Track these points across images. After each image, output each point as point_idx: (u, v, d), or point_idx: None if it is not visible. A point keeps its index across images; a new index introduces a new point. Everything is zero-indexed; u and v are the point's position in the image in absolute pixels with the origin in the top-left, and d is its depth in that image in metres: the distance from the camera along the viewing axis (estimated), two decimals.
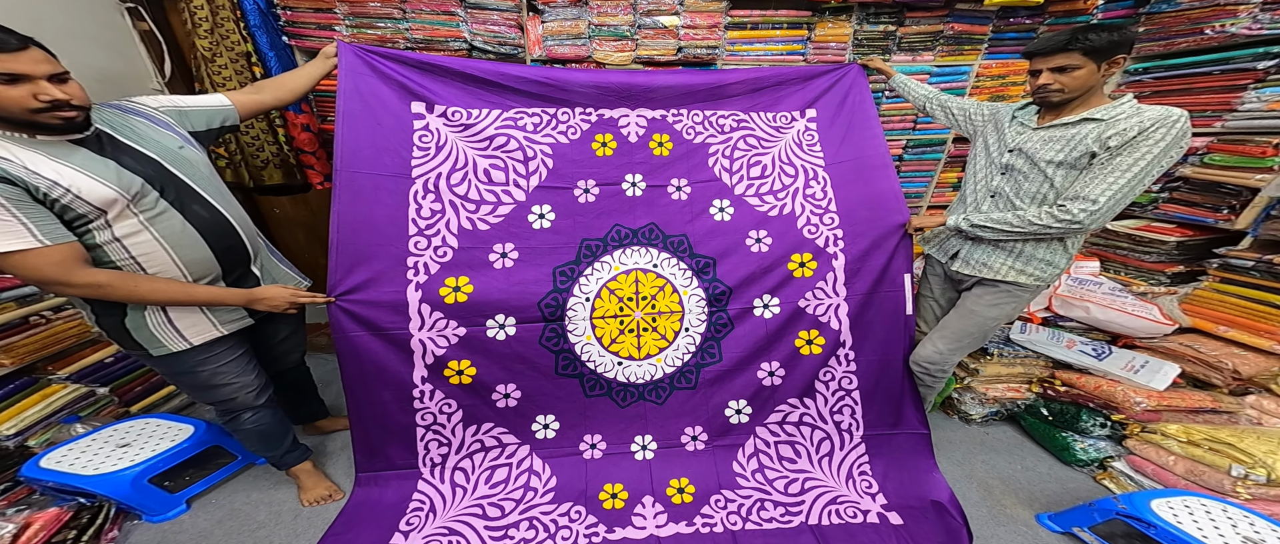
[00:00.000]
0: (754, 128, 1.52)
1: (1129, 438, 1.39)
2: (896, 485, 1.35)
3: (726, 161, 1.48)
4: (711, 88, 1.51)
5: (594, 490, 1.33)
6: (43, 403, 1.28)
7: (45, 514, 1.09)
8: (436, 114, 1.33)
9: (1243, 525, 1.04)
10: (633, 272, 1.40)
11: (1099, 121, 1.01)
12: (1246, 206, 1.46)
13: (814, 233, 1.42)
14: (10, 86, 0.70)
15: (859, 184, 1.45)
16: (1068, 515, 1.25)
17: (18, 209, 0.73)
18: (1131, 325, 1.58)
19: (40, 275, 0.78)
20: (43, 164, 0.76)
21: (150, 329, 0.94)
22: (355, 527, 1.22)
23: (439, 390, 1.30)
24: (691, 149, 1.48)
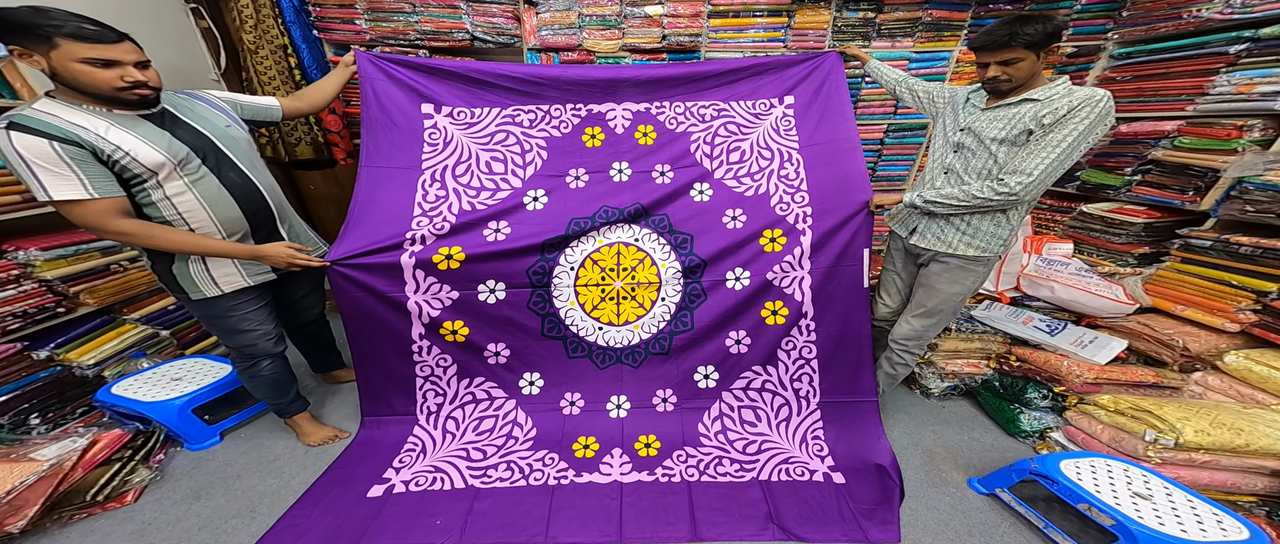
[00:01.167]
0: (734, 115, 1.60)
1: (1068, 409, 1.46)
2: (845, 449, 1.44)
3: (707, 147, 1.57)
4: (692, 77, 1.60)
5: (569, 441, 1.46)
6: (117, 339, 1.56)
7: (109, 434, 1.32)
8: (443, 114, 1.51)
9: (1137, 483, 1.12)
10: (615, 244, 1.50)
11: (1036, 102, 1.09)
12: (1211, 188, 1.48)
13: (785, 210, 1.49)
14: (105, 69, 0.90)
15: (830, 165, 1.50)
16: (992, 478, 1.34)
17: (79, 167, 0.90)
18: (1094, 305, 1.63)
19: (84, 221, 0.94)
20: (112, 132, 0.93)
21: (191, 276, 1.12)
22: (355, 463, 1.39)
23: (436, 346, 1.44)
24: (674, 138, 1.58)
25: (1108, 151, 1.77)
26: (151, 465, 1.36)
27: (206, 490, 1.32)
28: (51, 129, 0.87)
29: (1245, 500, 1.22)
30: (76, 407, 1.46)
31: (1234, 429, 1.17)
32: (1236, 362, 1.37)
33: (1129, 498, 1.09)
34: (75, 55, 0.86)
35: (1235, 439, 1.16)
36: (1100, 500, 1.08)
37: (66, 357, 1.44)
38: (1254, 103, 1.40)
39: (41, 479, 1.13)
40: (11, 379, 1.33)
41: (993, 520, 1.26)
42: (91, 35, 0.87)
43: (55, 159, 0.87)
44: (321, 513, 1.22)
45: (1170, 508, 1.06)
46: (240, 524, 1.21)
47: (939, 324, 1.41)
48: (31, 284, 1.36)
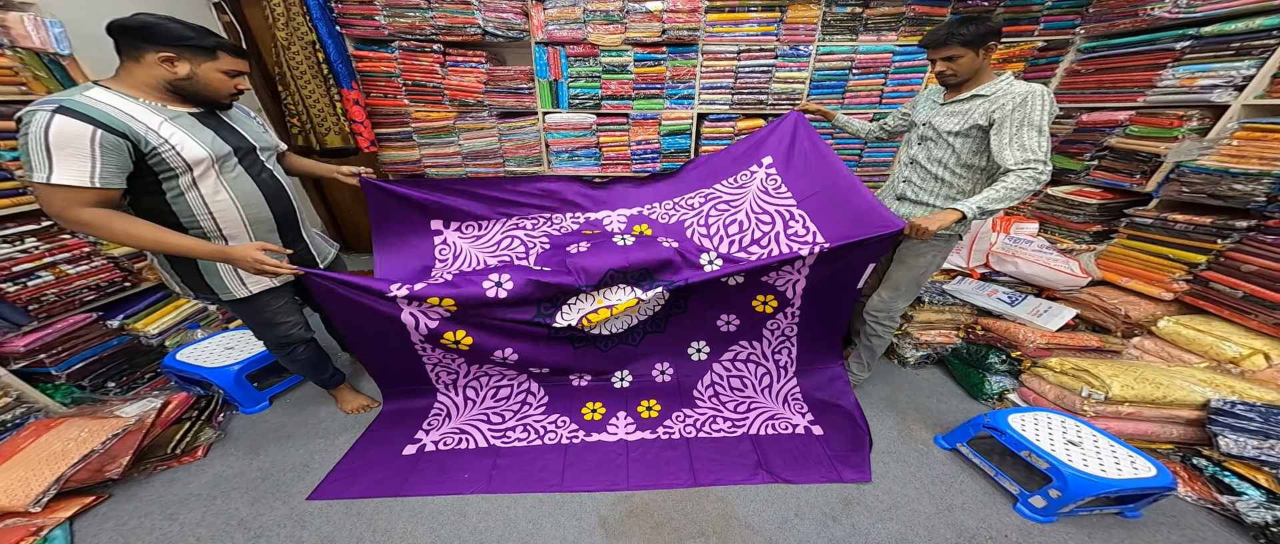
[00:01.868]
0: (721, 194, 1.68)
1: (1023, 372, 1.65)
2: (819, 405, 1.61)
3: (703, 229, 1.61)
4: (675, 186, 1.75)
5: (578, 407, 1.61)
6: (175, 312, 1.73)
7: (178, 396, 1.50)
8: (452, 229, 1.60)
9: (1071, 432, 1.31)
10: (602, 309, 1.46)
11: (984, 97, 1.23)
12: (1155, 172, 1.65)
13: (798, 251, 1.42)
14: (232, 78, 1.04)
15: (837, 208, 1.42)
16: (953, 434, 1.50)
17: (104, 156, 0.88)
18: (1053, 278, 1.82)
19: (52, 203, 0.88)
20: (164, 126, 0.96)
21: (222, 278, 1.15)
22: (388, 426, 1.53)
23: (439, 350, 1.46)
24: (669, 227, 1.66)
25: (1071, 139, 1.93)
26: (215, 425, 1.54)
27: (263, 448, 1.48)
28: (104, 118, 0.89)
29: (1164, 448, 1.41)
30: (144, 372, 1.64)
31: (1155, 384, 1.36)
32: (1168, 326, 1.56)
33: (1063, 445, 1.26)
34: (224, 67, 1.01)
35: (1155, 392, 1.34)
36: (1038, 447, 1.24)
37: (134, 326, 1.61)
38: (1194, 95, 1.56)
39: (129, 433, 1.31)
40: (91, 345, 1.50)
41: (953, 471, 1.42)
42: (240, 52, 1.05)
43: (86, 146, 0.86)
44: (364, 467, 1.39)
45: (1095, 453, 1.24)
46: (296, 476, 1.37)
47: (905, 296, 1.52)
48: (100, 261, 1.52)
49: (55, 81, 1.44)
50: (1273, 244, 1.36)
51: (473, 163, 2.32)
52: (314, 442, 1.52)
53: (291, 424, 1.60)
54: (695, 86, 2.17)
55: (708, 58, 2.11)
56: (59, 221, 0.94)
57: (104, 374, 1.53)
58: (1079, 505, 1.20)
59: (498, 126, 2.23)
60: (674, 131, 2.27)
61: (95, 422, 1.33)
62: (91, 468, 1.22)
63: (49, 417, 1.35)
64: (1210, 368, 1.46)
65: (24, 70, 1.36)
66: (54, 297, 1.41)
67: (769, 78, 2.15)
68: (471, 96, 2.13)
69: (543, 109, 2.19)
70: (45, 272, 1.39)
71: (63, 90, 1.13)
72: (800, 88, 2.17)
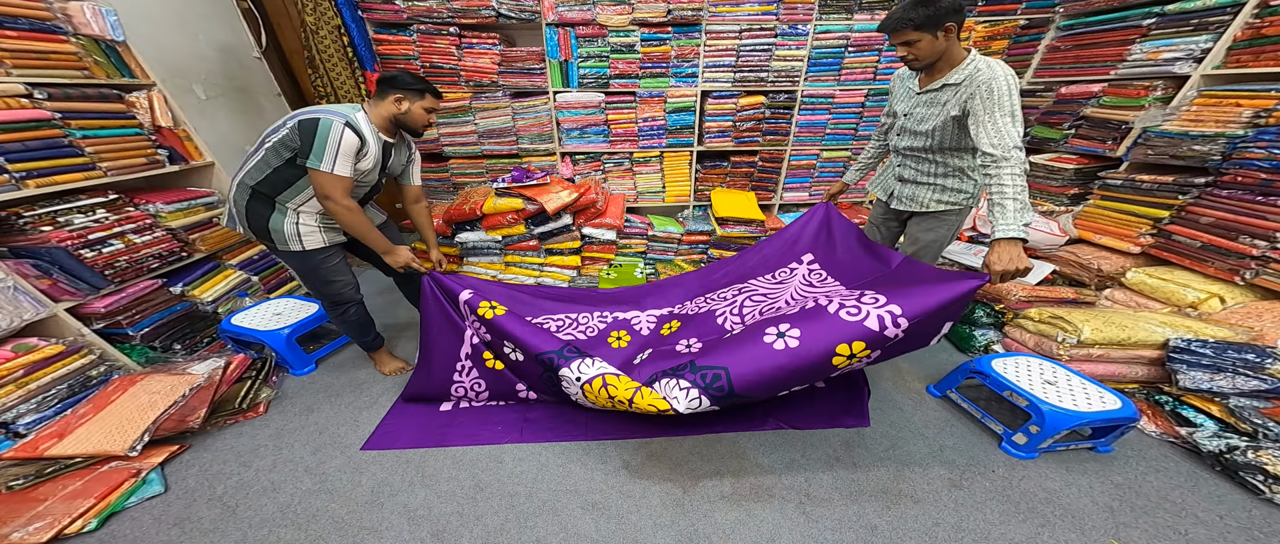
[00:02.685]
0: (756, 287, 1.62)
1: (1006, 324, 1.81)
2: None
3: (736, 317, 1.49)
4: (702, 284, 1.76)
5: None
6: (225, 281, 1.86)
7: (238, 357, 1.64)
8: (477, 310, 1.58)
9: (1048, 374, 1.44)
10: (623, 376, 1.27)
11: (955, 86, 1.21)
12: (1125, 138, 1.79)
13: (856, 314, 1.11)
14: (429, 114, 1.40)
15: (903, 283, 1.20)
16: (943, 382, 1.61)
17: (355, 159, 1.29)
18: (1035, 239, 1.97)
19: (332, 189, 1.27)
20: (371, 143, 1.33)
21: (284, 231, 1.36)
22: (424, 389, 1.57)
23: (476, 369, 1.53)
24: (699, 318, 1.58)
25: (1052, 110, 2.07)
26: (271, 384, 1.69)
27: (316, 406, 1.61)
28: (362, 135, 1.30)
29: (1131, 386, 1.56)
30: (203, 336, 1.78)
31: (1121, 327, 1.51)
32: (1135, 277, 1.72)
33: (1041, 385, 1.37)
34: (429, 105, 1.37)
35: (1121, 334, 1.48)
36: (1018, 386, 1.34)
37: (193, 293, 1.74)
38: (1159, 67, 1.69)
39: (203, 387, 1.45)
40: (159, 309, 1.64)
41: (944, 416, 1.52)
42: (438, 95, 1.40)
43: (352, 152, 1.27)
44: (407, 421, 1.52)
45: (1069, 391, 1.34)
46: (349, 430, 1.49)
47: None
48: (161, 232, 1.65)
49: (112, 66, 1.55)
50: (1227, 197, 1.51)
51: (488, 141, 2.43)
52: (360, 398, 1.66)
53: (337, 385, 1.74)
54: (699, 65, 2.28)
55: (711, 37, 2.21)
56: (330, 202, 1.30)
57: (171, 336, 1.67)
58: (1056, 439, 1.33)
59: (511, 106, 2.34)
60: (679, 109, 2.39)
61: (171, 377, 1.47)
62: (176, 418, 1.37)
63: (129, 374, 1.50)
64: (1172, 312, 1.62)
65: (86, 56, 1.47)
66: (125, 263, 1.54)
67: (769, 56, 2.26)
68: (486, 77, 2.23)
69: (553, 88, 2.30)
70: (116, 240, 1.52)
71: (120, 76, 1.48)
72: (799, 66, 2.28)
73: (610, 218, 2.38)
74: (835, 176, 2.68)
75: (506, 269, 2.44)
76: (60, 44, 1.40)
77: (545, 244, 2.38)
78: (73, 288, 1.41)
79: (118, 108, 1.53)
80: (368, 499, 1.25)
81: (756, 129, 2.46)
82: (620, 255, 2.54)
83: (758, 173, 2.63)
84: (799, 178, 2.69)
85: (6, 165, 1.27)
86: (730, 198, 2.53)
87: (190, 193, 1.78)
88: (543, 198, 2.19)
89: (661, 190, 2.66)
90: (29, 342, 1.29)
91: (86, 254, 1.43)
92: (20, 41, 1.32)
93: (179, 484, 1.29)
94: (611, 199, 2.58)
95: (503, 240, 2.34)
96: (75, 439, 1.26)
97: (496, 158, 2.50)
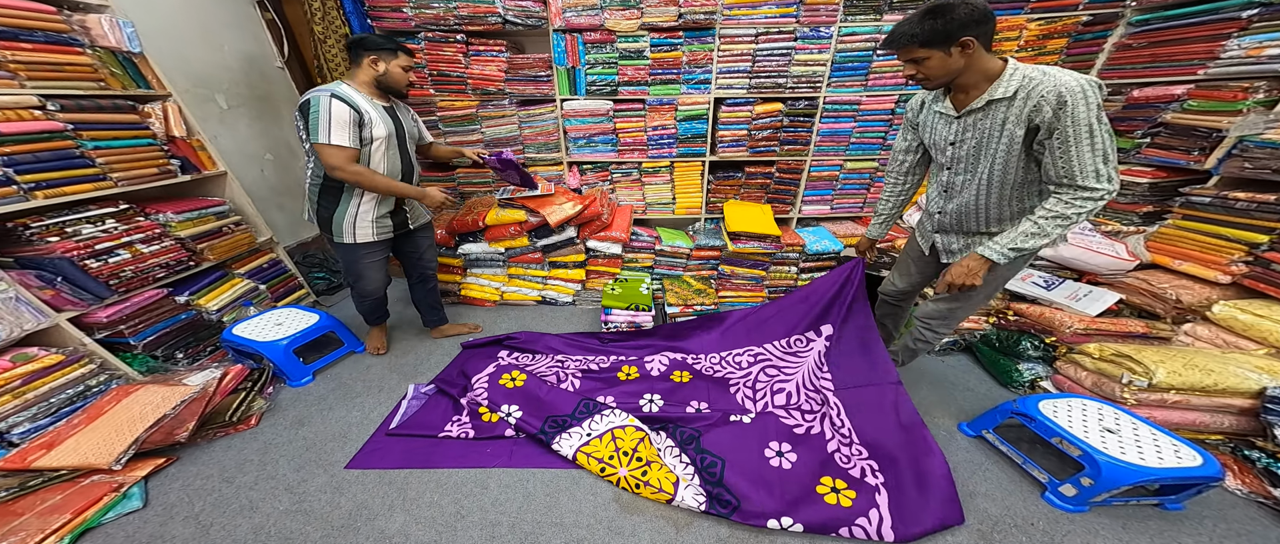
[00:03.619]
0: (771, 357, 1.65)
1: (1058, 359, 1.58)
2: None
3: (748, 391, 1.57)
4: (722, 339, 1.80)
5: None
6: (231, 290, 1.88)
7: (236, 368, 1.64)
8: (510, 356, 1.87)
9: (1108, 419, 1.24)
10: (630, 428, 1.37)
11: (1006, 101, 0.98)
12: (1215, 148, 1.53)
13: (846, 462, 1.26)
14: (406, 73, 1.42)
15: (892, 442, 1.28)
16: (978, 421, 1.45)
17: (351, 128, 1.33)
18: (1095, 262, 1.72)
19: (336, 159, 1.33)
20: (370, 111, 1.38)
21: (341, 224, 1.52)
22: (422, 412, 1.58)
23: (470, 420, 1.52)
24: (712, 382, 1.61)
25: (1120, 116, 1.81)
26: (265, 396, 1.68)
27: (307, 419, 1.59)
28: (354, 104, 1.34)
29: (1214, 438, 1.33)
30: (206, 345, 1.80)
31: (1205, 371, 1.28)
32: (1223, 311, 1.46)
33: (1098, 432, 1.19)
34: (403, 63, 1.39)
35: (1205, 379, 1.26)
36: (1070, 433, 1.17)
37: (198, 302, 1.76)
38: (1262, 65, 1.43)
39: (195, 399, 1.44)
40: (163, 318, 1.66)
41: (977, 459, 1.37)
42: (410, 53, 1.42)
43: (346, 121, 1.31)
44: (394, 441, 1.48)
45: (1134, 441, 1.16)
46: (336, 446, 1.46)
47: (964, 311, 1.36)
48: (169, 241, 1.68)
49: (128, 78, 1.59)
50: None
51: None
52: (351, 413, 1.63)
53: (332, 397, 1.72)
54: (712, 71, 2.15)
55: (724, 41, 2.09)
56: (340, 171, 1.35)
57: (173, 345, 1.69)
58: (1114, 494, 1.15)
59: (517, 114, 2.29)
60: (691, 117, 2.27)
61: (167, 388, 1.48)
62: (164, 431, 1.36)
63: (128, 383, 1.51)
64: (1270, 354, 1.36)
65: (102, 67, 1.50)
66: (131, 273, 1.56)
67: (788, 60, 2.11)
68: (493, 85, 2.19)
69: (561, 96, 2.23)
70: (123, 250, 1.54)
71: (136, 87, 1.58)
72: (821, 70, 2.12)
73: (616, 230, 2.28)
74: (860, 188, 2.48)
75: (510, 281, 2.38)
76: (76, 56, 1.43)
77: (548, 257, 2.30)
78: (76, 298, 1.43)
79: (131, 118, 1.56)
80: (344, 522, 1.20)
81: (773, 138, 2.30)
82: (626, 269, 2.43)
83: (774, 184, 2.47)
84: (820, 190, 2.50)
85: (15, 176, 1.29)
86: (744, 211, 2.38)
87: (202, 202, 1.81)
88: (545, 210, 2.12)
89: (671, 202, 2.54)
90: (28, 351, 1.31)
91: (92, 264, 1.46)
92: (35, 54, 1.35)
93: (159, 499, 1.27)
94: (618, 211, 2.48)
95: (506, 252, 2.28)
96: (63, 450, 1.26)
97: None
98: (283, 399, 1.71)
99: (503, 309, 2.36)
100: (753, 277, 2.39)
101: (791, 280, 2.42)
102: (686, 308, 2.16)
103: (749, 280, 2.40)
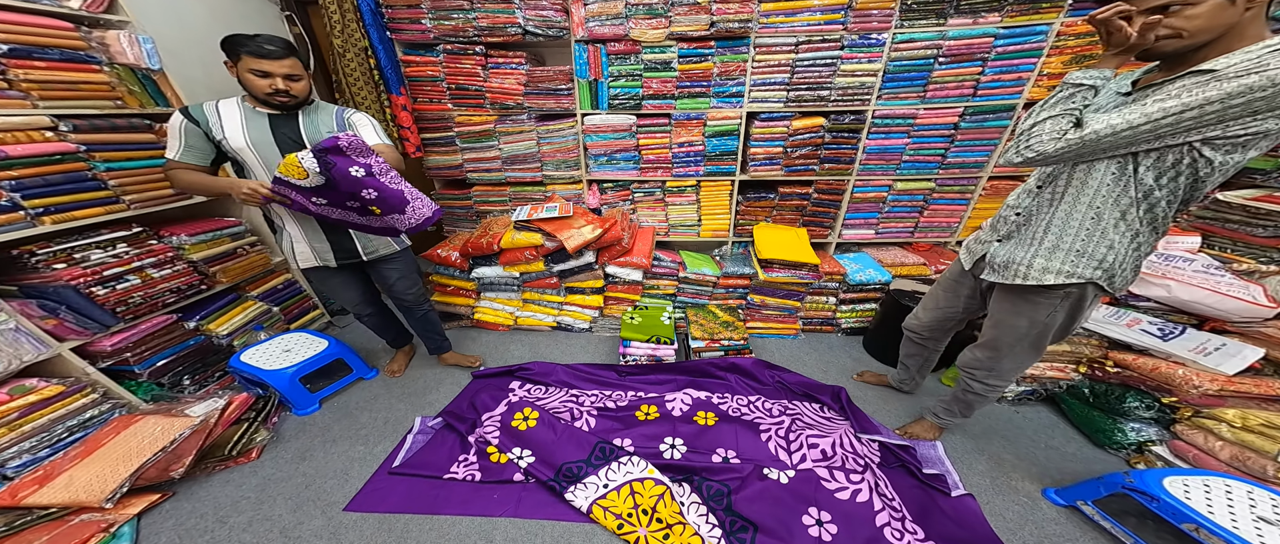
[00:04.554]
0: (802, 413, 1.56)
1: (1178, 423, 1.29)
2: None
3: (783, 441, 1.43)
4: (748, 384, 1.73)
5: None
6: (243, 314, 1.84)
7: (240, 397, 1.56)
8: (522, 387, 1.79)
9: (1263, 506, 0.97)
10: (649, 480, 1.26)
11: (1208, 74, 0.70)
12: None
13: (898, 540, 1.13)
14: (261, 79, 1.16)
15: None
16: (1073, 489, 1.22)
17: (185, 137, 1.20)
18: (1225, 307, 1.40)
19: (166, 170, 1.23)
20: (230, 122, 1.21)
21: (285, 250, 1.43)
22: (428, 449, 1.49)
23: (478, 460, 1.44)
24: (740, 425, 1.48)
25: None
26: (269, 427, 1.60)
27: (310, 453, 1.51)
28: (195, 112, 1.20)
29: None
30: (214, 371, 1.75)
31: None
32: None
33: (1251, 523, 0.95)
34: (248, 66, 1.15)
35: None
36: (1213, 522, 0.96)
37: (208, 327, 1.72)
38: None
39: (195, 432, 1.37)
40: (170, 345, 1.62)
41: (1069, 532, 1.17)
42: (260, 52, 1.14)
43: (176, 130, 1.20)
44: (397, 481, 1.38)
45: None
46: (336, 485, 1.38)
47: (1011, 359, 1.16)
48: (181, 265, 1.64)
49: (147, 96, 1.55)
50: None
51: (512, 167, 2.29)
52: (355, 448, 1.54)
53: (337, 428, 1.64)
54: (745, 83, 1.97)
55: (760, 51, 1.91)
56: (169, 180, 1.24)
57: (181, 372, 1.64)
58: None
59: (536, 130, 2.18)
60: (721, 132, 2.09)
61: (168, 419, 1.41)
62: (159, 467, 1.29)
63: (131, 412, 1.47)
64: None
65: (119, 85, 1.47)
66: (140, 299, 1.52)
67: (833, 71, 1.90)
68: (511, 99, 2.10)
69: (582, 110, 2.11)
70: (133, 275, 1.51)
71: (154, 105, 1.59)
72: (872, 80, 1.89)
73: (638, 256, 2.12)
74: (911, 211, 2.22)
75: (524, 307, 2.26)
76: (92, 74, 1.40)
77: (565, 282, 2.16)
78: (80, 327, 1.39)
79: (147, 138, 1.52)
80: None
81: (813, 155, 2.09)
82: (647, 296, 2.26)
83: (811, 206, 2.24)
84: (864, 213, 2.25)
85: (22, 201, 1.26)
86: (776, 235, 2.17)
87: (217, 222, 1.77)
88: (562, 234, 1.98)
89: (696, 224, 2.36)
90: (27, 383, 1.27)
91: (98, 292, 1.42)
92: (49, 72, 1.31)
93: (150, 539, 1.20)
94: (640, 234, 2.32)
95: (521, 277, 2.16)
96: (56, 486, 1.20)
97: (520, 185, 2.36)
98: (286, 429, 1.63)
99: (515, 334, 2.24)
100: (785, 308, 2.17)
101: (829, 312, 2.18)
102: (713, 342, 1.96)
103: (781, 312, 2.18)
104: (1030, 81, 1.84)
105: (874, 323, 2.09)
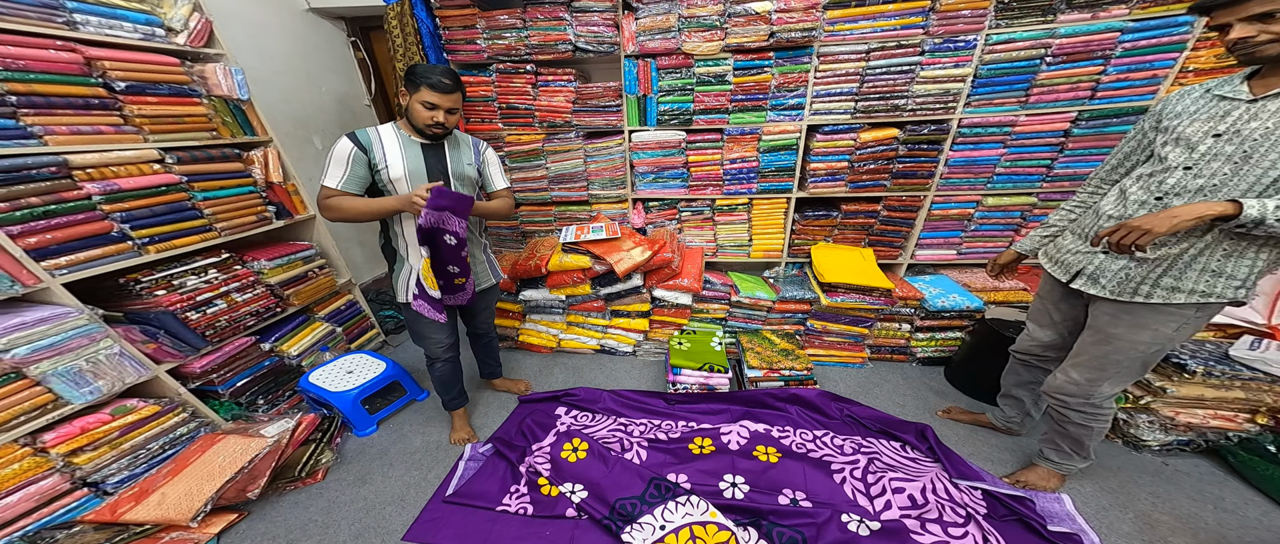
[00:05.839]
0: (881, 451, 1.42)
1: None
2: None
3: (859, 484, 1.29)
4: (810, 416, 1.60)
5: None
6: (312, 335, 1.93)
7: (308, 417, 1.63)
8: (569, 414, 1.75)
9: None
10: (712, 524, 1.17)
11: None
12: None
13: None
14: (428, 110, 1.21)
15: None
16: None
17: (351, 166, 1.22)
18: None
19: (320, 197, 1.24)
20: (391, 150, 1.25)
21: (397, 282, 1.40)
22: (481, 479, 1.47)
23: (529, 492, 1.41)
24: (808, 464, 1.35)
25: None
26: (333, 447, 1.65)
27: (369, 476, 1.53)
28: (367, 140, 1.24)
29: None
30: (284, 390, 1.84)
31: None
32: None
33: None
34: (422, 98, 1.20)
35: None
36: None
37: (281, 348, 1.81)
38: None
39: (269, 452, 1.43)
40: (249, 366, 1.71)
41: None
42: (439, 87, 1.20)
43: (344, 157, 1.21)
44: (451, 512, 1.37)
45: None
46: (394, 511, 1.39)
47: (1114, 381, 1.07)
48: (260, 288, 1.73)
49: (237, 126, 1.65)
50: None
51: (558, 187, 2.27)
52: (410, 473, 1.55)
53: (393, 452, 1.66)
54: (806, 95, 1.83)
55: (825, 61, 1.76)
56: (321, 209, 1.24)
57: (256, 392, 1.74)
58: None
59: (584, 148, 2.15)
60: (777, 147, 1.95)
61: (245, 440, 1.49)
62: (238, 486, 1.36)
63: (214, 431, 1.56)
64: None
65: (215, 117, 1.56)
66: (225, 323, 1.62)
67: (910, 78, 1.71)
68: (560, 117, 2.07)
69: (629, 127, 2.05)
70: (221, 300, 1.61)
71: (243, 134, 1.68)
72: (958, 87, 1.69)
73: (687, 279, 2.02)
74: (1005, 229, 1.96)
75: (568, 329, 2.22)
76: (193, 107, 1.49)
77: (611, 305, 2.10)
78: (176, 350, 1.49)
79: (236, 167, 1.62)
80: None
81: (883, 170, 1.90)
82: (695, 320, 2.15)
83: (879, 224, 2.04)
84: (944, 231, 2.02)
85: (130, 232, 1.35)
86: (839, 256, 1.99)
87: (291, 246, 1.87)
88: (612, 257, 1.93)
89: (748, 243, 2.23)
90: (128, 403, 1.37)
91: (192, 316, 1.52)
92: (159, 107, 1.40)
93: None
94: (688, 255, 2.22)
95: (567, 300, 2.13)
96: (149, 503, 1.29)
97: (565, 204, 2.33)
98: (348, 450, 1.68)
99: (558, 357, 2.21)
100: (850, 334, 1.98)
101: (902, 339, 1.96)
102: (772, 372, 1.82)
103: (846, 338, 1.99)
104: (1168, 79, 1.57)
105: (961, 353, 1.85)
